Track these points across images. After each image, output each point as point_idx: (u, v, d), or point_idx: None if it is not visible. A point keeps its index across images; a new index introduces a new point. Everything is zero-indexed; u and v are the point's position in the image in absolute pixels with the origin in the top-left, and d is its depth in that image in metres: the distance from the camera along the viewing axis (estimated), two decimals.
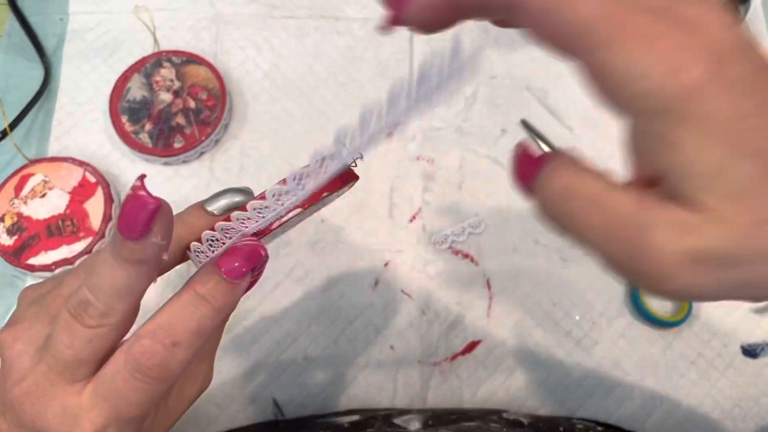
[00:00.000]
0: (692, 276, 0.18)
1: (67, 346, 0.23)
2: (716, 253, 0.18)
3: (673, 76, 0.17)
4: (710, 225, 0.18)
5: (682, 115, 0.17)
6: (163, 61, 0.51)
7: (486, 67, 0.53)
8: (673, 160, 0.18)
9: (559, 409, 0.42)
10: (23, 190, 0.46)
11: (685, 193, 0.18)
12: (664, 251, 0.18)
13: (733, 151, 0.17)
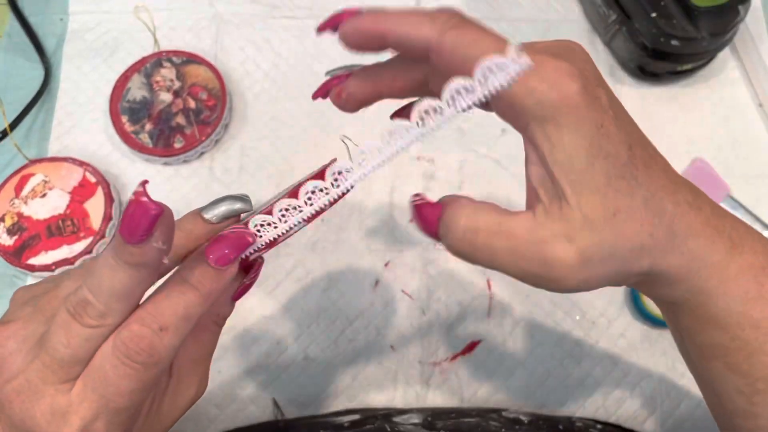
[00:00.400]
0: (588, 272, 0.23)
1: (64, 344, 0.23)
2: (594, 254, 0.23)
3: (553, 90, 0.22)
4: (586, 228, 0.23)
5: (560, 121, 0.23)
6: (164, 61, 0.51)
7: None
8: (556, 158, 0.23)
9: (560, 409, 0.42)
10: (23, 190, 0.46)
11: (564, 190, 0.23)
12: (562, 259, 0.23)
13: (594, 153, 0.23)
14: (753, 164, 0.50)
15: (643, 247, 0.24)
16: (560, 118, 0.23)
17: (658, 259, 0.24)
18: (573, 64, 0.23)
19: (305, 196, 0.26)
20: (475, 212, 0.25)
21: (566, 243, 0.23)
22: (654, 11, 0.47)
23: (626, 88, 0.52)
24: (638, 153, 0.25)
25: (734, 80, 0.53)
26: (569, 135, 0.23)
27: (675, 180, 0.26)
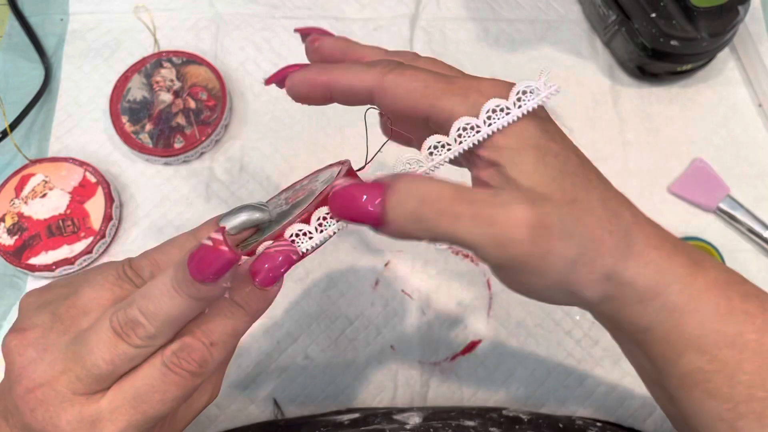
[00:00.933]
0: (546, 242, 0.22)
1: (105, 361, 0.23)
2: (553, 223, 0.22)
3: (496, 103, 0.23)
4: (546, 200, 0.23)
5: (504, 132, 0.24)
6: (164, 61, 0.51)
7: (486, 67, 0.53)
8: (505, 158, 0.23)
9: (560, 408, 0.42)
10: (24, 190, 0.46)
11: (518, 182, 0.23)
12: (519, 219, 0.22)
13: (543, 151, 0.23)
14: (752, 164, 0.50)
15: (604, 243, 0.23)
16: (507, 131, 0.24)
17: (620, 261, 0.23)
18: (509, 82, 0.25)
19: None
20: (426, 183, 0.23)
21: (526, 206, 0.22)
22: (653, 11, 0.47)
23: (626, 89, 0.52)
24: (586, 161, 0.25)
25: (734, 80, 0.53)
26: (515, 138, 0.24)
27: (623, 196, 0.25)
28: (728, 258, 0.46)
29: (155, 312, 0.23)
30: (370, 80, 0.25)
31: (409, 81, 0.25)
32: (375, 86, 0.25)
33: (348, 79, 0.26)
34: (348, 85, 0.26)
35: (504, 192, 0.23)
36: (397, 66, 0.26)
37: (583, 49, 0.54)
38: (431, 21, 0.55)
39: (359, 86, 0.26)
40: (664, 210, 0.48)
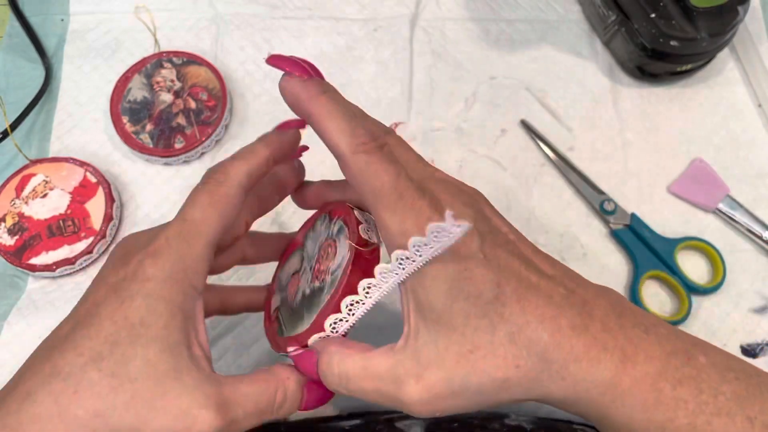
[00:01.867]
0: (435, 406, 0.26)
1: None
2: (441, 391, 0.25)
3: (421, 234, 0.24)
4: (437, 363, 0.25)
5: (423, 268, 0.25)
6: (164, 61, 0.51)
7: (486, 67, 0.53)
8: (419, 299, 0.26)
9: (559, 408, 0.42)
10: (24, 190, 0.46)
11: (420, 329, 0.26)
12: (413, 395, 0.25)
13: (455, 294, 0.25)
14: (752, 164, 0.50)
15: (508, 379, 0.25)
16: (423, 275, 0.25)
17: (533, 386, 0.25)
18: (447, 209, 0.25)
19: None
20: (342, 360, 0.27)
21: (414, 382, 0.25)
22: (653, 12, 0.47)
23: (625, 89, 0.52)
24: (510, 288, 0.25)
25: (733, 80, 0.53)
26: (431, 278, 0.25)
27: (559, 304, 0.26)
28: (728, 258, 0.46)
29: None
30: (343, 148, 0.26)
31: (371, 174, 0.26)
32: (343, 156, 0.26)
33: (329, 128, 0.27)
34: (324, 133, 0.27)
35: (400, 364, 0.26)
36: (375, 149, 0.26)
37: (583, 49, 0.54)
38: (431, 21, 0.55)
39: (332, 143, 0.27)
40: (663, 210, 0.48)
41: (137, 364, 0.24)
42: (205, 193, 0.28)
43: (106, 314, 0.25)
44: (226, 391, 0.26)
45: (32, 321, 0.44)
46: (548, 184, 0.49)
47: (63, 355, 0.24)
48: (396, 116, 0.51)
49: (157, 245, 0.26)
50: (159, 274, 0.26)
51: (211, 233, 0.27)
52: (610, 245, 0.47)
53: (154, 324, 0.25)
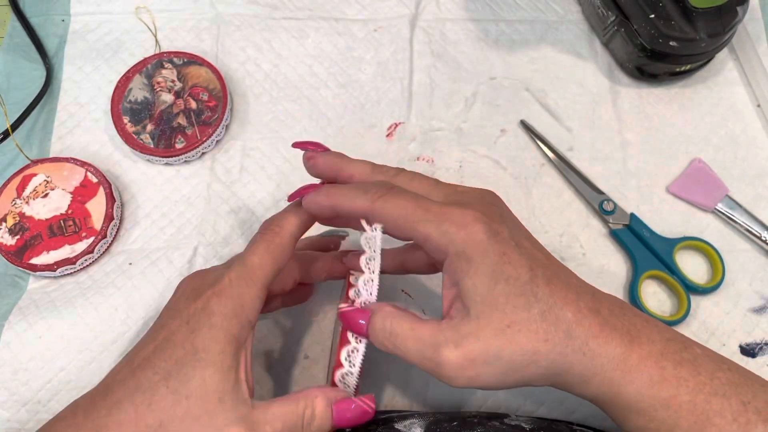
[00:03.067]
0: (469, 371, 0.29)
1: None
2: (476, 357, 0.29)
3: (461, 230, 0.30)
4: (475, 335, 0.29)
5: (468, 254, 0.30)
6: (165, 62, 0.51)
7: (486, 67, 0.53)
8: (465, 285, 0.30)
9: (558, 407, 0.43)
10: (25, 190, 0.46)
11: (469, 309, 0.30)
12: (451, 360, 0.29)
13: (496, 277, 0.29)
14: (751, 164, 0.50)
15: (537, 351, 0.29)
16: (468, 252, 0.30)
17: (557, 359, 0.29)
18: (478, 209, 0.30)
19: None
20: (394, 319, 0.31)
21: (453, 348, 0.29)
22: (652, 12, 0.47)
23: (625, 89, 0.52)
24: (540, 272, 0.30)
25: (732, 81, 0.53)
26: (476, 266, 0.30)
27: (577, 290, 0.31)
28: (727, 258, 0.46)
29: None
30: (363, 207, 0.32)
31: (393, 208, 0.31)
32: (367, 212, 0.32)
33: (347, 205, 0.32)
34: (347, 210, 0.32)
35: (442, 333, 0.30)
36: (386, 192, 0.31)
37: (583, 49, 0.54)
38: (431, 22, 0.55)
39: (356, 211, 0.32)
40: (662, 210, 0.48)
41: (195, 383, 0.29)
42: (263, 243, 0.33)
43: (179, 341, 0.30)
44: (257, 412, 0.30)
45: (33, 321, 0.44)
46: (548, 184, 0.49)
47: (144, 372, 0.29)
48: (396, 116, 0.51)
49: (222, 286, 0.31)
50: (223, 310, 0.31)
51: (267, 276, 0.32)
52: (610, 245, 0.47)
53: (213, 350, 0.30)
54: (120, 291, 0.45)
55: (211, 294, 0.31)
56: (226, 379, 0.30)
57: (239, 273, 0.32)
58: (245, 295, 0.31)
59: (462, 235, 0.30)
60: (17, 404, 0.42)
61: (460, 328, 0.30)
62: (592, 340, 0.29)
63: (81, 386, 0.42)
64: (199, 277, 0.34)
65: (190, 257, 0.46)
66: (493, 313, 0.29)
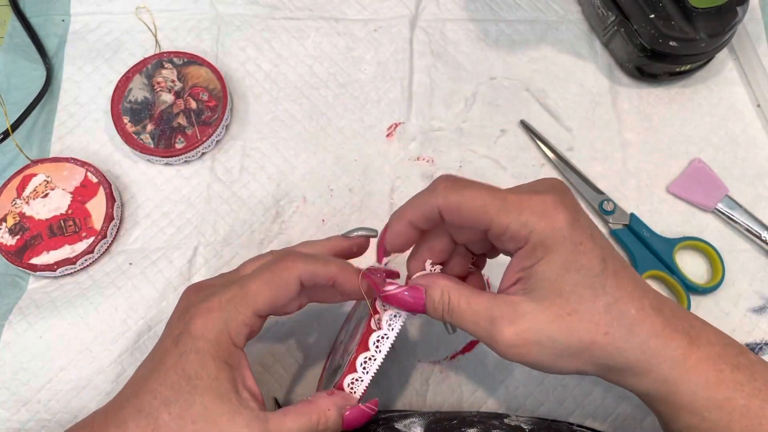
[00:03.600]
0: (521, 349, 0.30)
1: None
2: (530, 337, 0.29)
3: (542, 220, 0.29)
4: (533, 315, 0.30)
5: (546, 243, 0.29)
6: (165, 62, 0.51)
7: (486, 67, 0.53)
8: (537, 269, 0.30)
9: (558, 407, 0.43)
10: (25, 190, 0.46)
11: (532, 290, 0.30)
12: (505, 334, 0.30)
13: (568, 266, 0.29)
14: (751, 164, 0.50)
15: (595, 342, 0.29)
16: (547, 241, 0.29)
17: (614, 353, 0.29)
18: (556, 196, 0.30)
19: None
20: (451, 291, 0.32)
21: (508, 324, 0.30)
22: (652, 12, 0.47)
23: (625, 89, 0.52)
24: (610, 265, 0.30)
25: (732, 81, 0.53)
26: (552, 254, 0.29)
27: (642, 287, 0.31)
28: (727, 258, 0.46)
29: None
30: (437, 203, 0.31)
31: (468, 200, 0.30)
32: (442, 207, 0.31)
33: (420, 210, 0.32)
34: (422, 214, 0.32)
35: (498, 307, 0.30)
36: (454, 183, 0.31)
37: (583, 49, 0.54)
38: (431, 22, 0.55)
39: (430, 211, 0.31)
40: (662, 210, 0.48)
41: (197, 409, 0.29)
42: (269, 272, 0.32)
43: (170, 364, 0.30)
44: (273, 427, 0.30)
45: (33, 320, 0.44)
46: None
47: (144, 396, 0.30)
48: (396, 116, 0.51)
49: (211, 305, 0.31)
50: (208, 335, 0.30)
51: (260, 307, 0.31)
52: None
53: (206, 377, 0.30)
54: (120, 291, 0.45)
55: (195, 313, 0.31)
56: (229, 401, 0.30)
57: (233, 296, 0.31)
58: (232, 321, 0.31)
59: (543, 224, 0.29)
60: (17, 404, 0.42)
61: (519, 306, 0.30)
62: (654, 339, 0.29)
63: (81, 386, 0.42)
64: (195, 291, 0.33)
65: (190, 257, 0.46)
66: (557, 299, 0.29)
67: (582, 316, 0.29)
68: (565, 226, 0.29)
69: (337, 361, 0.38)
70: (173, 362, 0.30)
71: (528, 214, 0.29)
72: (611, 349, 0.29)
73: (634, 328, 0.29)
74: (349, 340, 0.38)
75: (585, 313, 0.29)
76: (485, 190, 0.30)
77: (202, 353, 0.30)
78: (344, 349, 0.37)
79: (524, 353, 0.30)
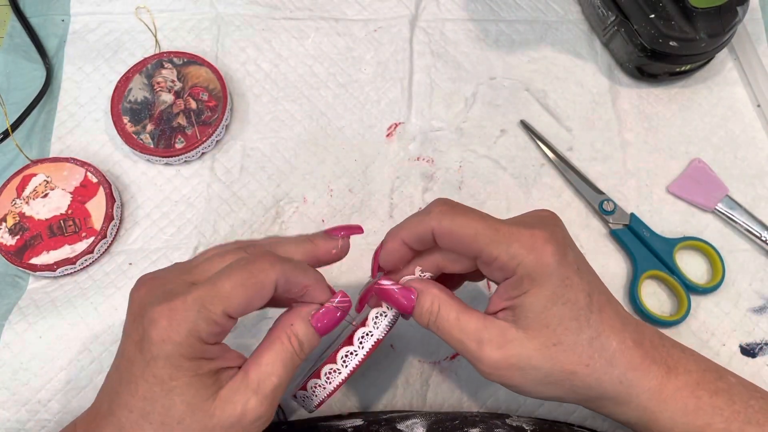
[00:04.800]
0: (505, 372, 0.31)
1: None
2: (516, 363, 0.30)
3: (531, 254, 0.30)
4: (520, 342, 0.30)
5: (534, 276, 0.30)
6: (165, 62, 0.51)
7: (486, 67, 0.53)
8: (523, 301, 0.31)
9: (558, 407, 0.43)
10: (25, 190, 0.46)
11: (518, 319, 0.31)
12: (491, 358, 0.31)
13: (555, 300, 0.30)
14: (751, 164, 0.50)
15: (575, 373, 0.30)
16: (534, 275, 0.30)
17: (594, 384, 0.31)
18: (546, 230, 0.31)
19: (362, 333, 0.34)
20: (441, 303, 0.32)
21: (496, 348, 0.31)
22: (652, 12, 0.47)
23: (625, 89, 0.52)
24: (596, 299, 0.31)
25: (732, 81, 0.53)
26: (539, 287, 0.30)
27: (624, 320, 0.32)
28: (727, 258, 0.46)
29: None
30: (430, 226, 0.32)
31: (461, 227, 0.31)
32: (435, 230, 0.31)
33: (414, 230, 0.32)
34: (416, 235, 0.32)
35: (487, 330, 0.31)
36: (450, 209, 0.32)
37: (582, 49, 0.54)
38: (431, 22, 0.55)
39: (424, 232, 0.32)
40: (662, 210, 0.48)
41: (179, 409, 0.28)
42: (245, 272, 0.29)
43: (139, 373, 0.28)
44: (252, 373, 0.29)
45: (33, 320, 0.44)
46: (547, 184, 0.49)
47: (121, 412, 0.28)
48: (396, 116, 0.51)
49: (174, 305, 0.28)
50: (175, 336, 0.28)
51: (233, 308, 0.29)
52: (610, 245, 0.47)
53: (182, 376, 0.28)
54: (120, 291, 0.45)
55: (156, 315, 0.28)
56: (210, 387, 0.29)
57: (203, 295, 0.28)
58: (202, 321, 0.28)
59: (531, 258, 0.30)
60: (17, 404, 0.42)
61: (507, 332, 0.31)
62: (631, 371, 0.31)
63: (81, 386, 0.42)
64: (147, 289, 0.30)
65: (190, 257, 0.46)
66: (543, 329, 0.30)
67: (566, 347, 0.30)
68: (552, 261, 0.30)
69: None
70: (141, 370, 0.28)
71: (517, 247, 0.30)
72: (590, 380, 0.30)
73: (614, 360, 0.31)
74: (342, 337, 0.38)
75: (569, 344, 0.30)
76: (479, 219, 0.31)
77: (172, 357, 0.28)
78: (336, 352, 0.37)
79: (508, 376, 0.31)
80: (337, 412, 0.42)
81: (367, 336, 0.33)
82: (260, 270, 0.29)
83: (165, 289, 0.29)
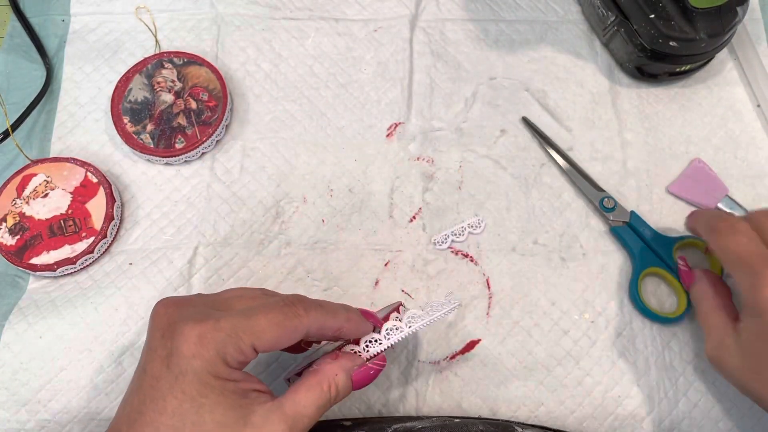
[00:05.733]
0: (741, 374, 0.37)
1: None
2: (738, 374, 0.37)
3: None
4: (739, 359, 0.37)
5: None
6: (165, 62, 0.51)
7: (486, 67, 0.53)
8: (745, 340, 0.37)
9: (558, 407, 0.43)
10: (25, 190, 0.46)
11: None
12: (727, 361, 0.38)
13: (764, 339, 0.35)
14: (751, 164, 0.50)
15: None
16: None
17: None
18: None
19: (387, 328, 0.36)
20: (709, 288, 0.41)
21: (735, 357, 0.37)
22: (652, 12, 0.47)
23: (625, 89, 0.52)
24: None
25: (732, 81, 0.53)
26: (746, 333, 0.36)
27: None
28: None
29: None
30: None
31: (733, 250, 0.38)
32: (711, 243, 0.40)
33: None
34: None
35: (732, 339, 0.37)
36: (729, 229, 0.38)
37: (582, 49, 0.54)
38: (431, 22, 0.55)
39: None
40: (662, 210, 0.48)
41: (209, 427, 0.28)
42: (280, 314, 0.31)
43: (167, 389, 0.28)
44: (289, 409, 0.30)
45: (33, 321, 0.44)
46: (547, 184, 0.49)
47: (145, 430, 0.28)
48: (396, 116, 0.51)
49: (206, 326, 0.29)
50: (205, 353, 0.29)
51: (262, 343, 0.30)
52: (610, 243, 0.47)
53: (210, 393, 0.28)
54: (120, 291, 0.45)
55: (187, 331, 0.29)
56: (240, 407, 0.29)
57: (236, 323, 0.30)
58: (230, 346, 0.29)
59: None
60: (17, 404, 0.42)
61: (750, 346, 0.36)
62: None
63: (81, 386, 0.42)
64: (175, 307, 0.31)
65: (190, 257, 0.46)
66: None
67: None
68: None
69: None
70: (169, 386, 0.28)
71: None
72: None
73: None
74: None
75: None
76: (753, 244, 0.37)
77: (200, 374, 0.28)
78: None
79: (746, 380, 0.36)
80: (339, 416, 0.42)
81: (373, 342, 0.35)
82: (295, 315, 0.31)
83: (195, 310, 0.30)
